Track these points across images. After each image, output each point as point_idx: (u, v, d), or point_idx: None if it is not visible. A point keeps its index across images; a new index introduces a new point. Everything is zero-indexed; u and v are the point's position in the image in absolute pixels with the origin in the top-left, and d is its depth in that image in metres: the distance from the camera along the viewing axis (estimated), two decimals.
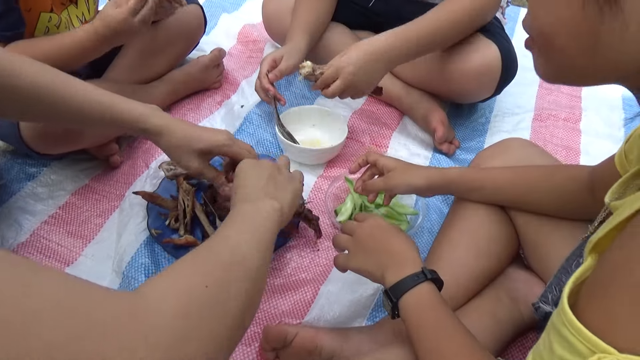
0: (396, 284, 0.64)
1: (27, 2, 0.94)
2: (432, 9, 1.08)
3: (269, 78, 1.11)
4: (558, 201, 0.78)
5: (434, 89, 1.22)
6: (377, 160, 0.91)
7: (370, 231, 0.73)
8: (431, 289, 0.63)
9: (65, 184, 1.05)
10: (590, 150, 1.22)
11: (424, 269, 0.64)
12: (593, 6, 0.42)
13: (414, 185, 0.85)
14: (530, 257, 0.85)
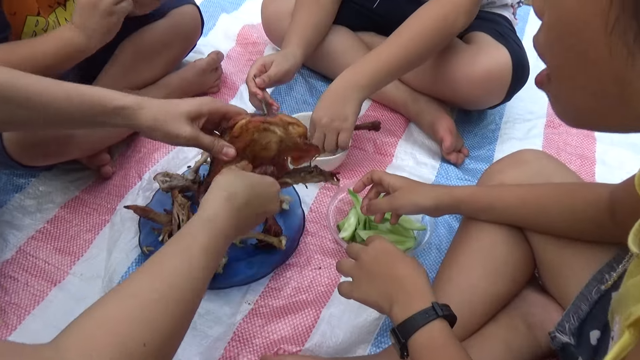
0: (405, 322, 0.58)
1: (11, 6, 0.89)
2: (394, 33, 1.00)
3: (256, 82, 1.06)
4: (574, 224, 0.72)
5: (440, 95, 1.16)
6: (382, 178, 0.86)
7: (375, 256, 0.67)
8: (443, 327, 0.57)
9: (54, 195, 1.00)
10: (606, 160, 1.16)
11: (434, 305, 0.58)
12: (620, 48, 0.36)
13: (421, 206, 0.81)
14: (546, 279, 0.79)
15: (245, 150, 0.76)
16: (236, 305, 0.84)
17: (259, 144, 0.77)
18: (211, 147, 0.73)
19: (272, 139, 0.77)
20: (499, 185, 0.80)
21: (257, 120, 0.75)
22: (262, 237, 0.90)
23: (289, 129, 0.77)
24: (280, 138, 0.77)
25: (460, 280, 0.78)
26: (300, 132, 0.78)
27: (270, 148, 0.78)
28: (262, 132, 0.76)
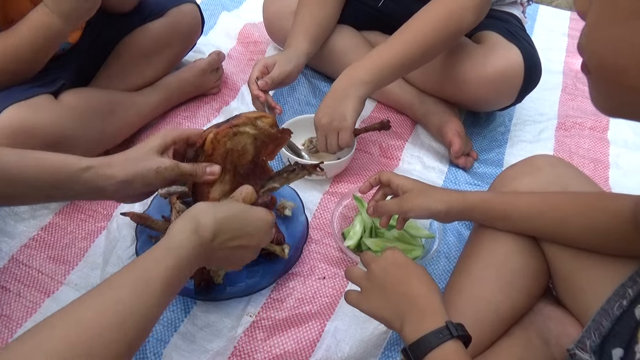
0: (418, 342, 0.55)
1: (7, 14, 0.85)
2: (400, 29, 0.97)
3: (258, 85, 1.02)
4: (595, 237, 0.69)
5: (448, 96, 1.12)
6: (391, 179, 0.82)
7: (386, 268, 0.64)
8: (458, 348, 0.54)
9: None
10: (620, 163, 1.12)
11: (448, 324, 0.55)
12: None
13: (431, 210, 0.77)
14: (562, 292, 0.75)
15: (225, 164, 0.72)
16: (237, 318, 0.80)
17: (235, 151, 0.72)
18: (194, 171, 0.68)
19: (247, 141, 0.73)
20: (515, 193, 0.76)
21: (224, 127, 0.70)
22: (264, 246, 0.86)
23: (257, 123, 0.72)
24: (253, 136, 0.73)
25: (472, 293, 0.74)
26: (269, 122, 0.73)
27: (247, 151, 0.74)
28: (233, 138, 0.71)
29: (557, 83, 1.33)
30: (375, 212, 0.82)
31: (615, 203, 0.68)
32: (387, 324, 0.62)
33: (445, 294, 0.79)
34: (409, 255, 0.88)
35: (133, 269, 0.51)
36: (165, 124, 1.14)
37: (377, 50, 0.97)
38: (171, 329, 0.79)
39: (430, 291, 0.60)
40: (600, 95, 0.42)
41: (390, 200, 0.81)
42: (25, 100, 0.82)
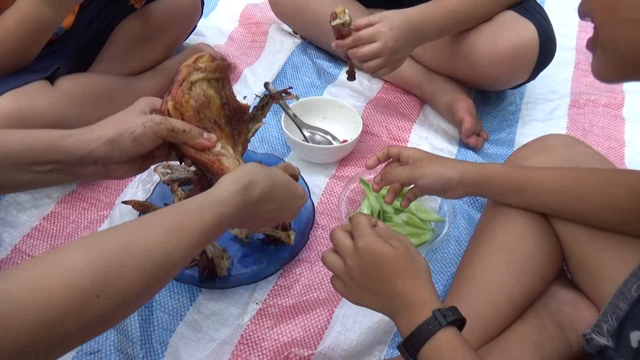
0: (410, 337, 0.53)
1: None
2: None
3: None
4: (614, 214, 0.66)
5: (458, 75, 1.08)
6: (400, 151, 0.79)
7: (363, 266, 0.57)
8: (450, 335, 0.52)
9: (50, 190, 0.95)
10: (635, 141, 1.08)
11: (435, 313, 0.52)
12: None
13: (445, 176, 0.73)
14: (577, 275, 0.73)
15: (204, 125, 0.66)
16: (243, 306, 0.79)
17: (203, 105, 0.66)
18: (185, 127, 0.62)
19: (204, 88, 0.66)
20: (533, 167, 0.73)
21: (176, 88, 0.65)
22: (270, 232, 0.84)
23: (199, 65, 0.65)
24: (206, 79, 0.66)
25: (484, 278, 0.72)
26: (207, 57, 0.67)
27: (212, 97, 0.66)
28: (191, 92, 0.65)
29: (570, 59, 1.28)
30: (383, 179, 0.78)
31: (634, 179, 0.65)
32: (381, 313, 0.60)
33: (456, 279, 0.77)
34: (418, 239, 0.86)
35: (171, 212, 0.52)
36: None
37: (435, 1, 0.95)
38: (177, 318, 0.78)
39: (415, 280, 0.56)
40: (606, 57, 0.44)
41: (399, 168, 0.77)
42: (21, 87, 0.80)
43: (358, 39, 0.89)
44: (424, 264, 0.57)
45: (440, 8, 0.94)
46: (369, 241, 0.57)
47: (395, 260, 0.56)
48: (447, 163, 0.76)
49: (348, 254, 0.58)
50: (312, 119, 1.07)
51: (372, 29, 0.89)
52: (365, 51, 0.89)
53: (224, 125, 0.67)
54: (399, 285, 0.56)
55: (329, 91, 1.18)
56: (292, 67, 1.23)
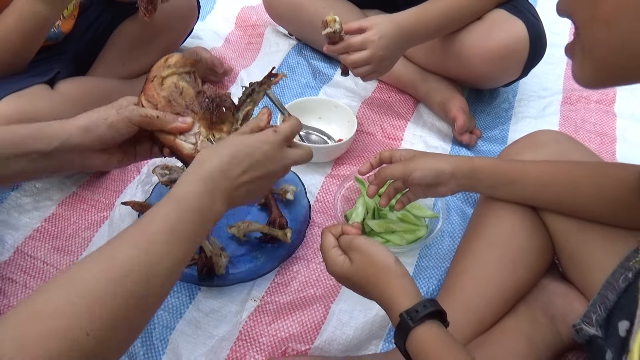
0: (395, 335, 0.55)
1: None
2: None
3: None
4: (604, 206, 0.68)
5: (451, 74, 1.10)
6: (392, 154, 0.80)
7: (340, 282, 0.64)
8: (421, 335, 0.53)
9: (51, 192, 0.96)
10: (627, 137, 1.10)
11: (402, 316, 0.54)
12: None
13: (437, 168, 0.74)
14: (567, 267, 0.75)
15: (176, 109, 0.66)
16: (241, 303, 0.80)
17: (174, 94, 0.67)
18: (160, 115, 0.63)
19: (175, 81, 0.68)
20: (523, 161, 0.75)
21: (147, 85, 0.67)
22: (267, 230, 0.86)
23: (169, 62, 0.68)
24: (175, 74, 0.68)
25: (476, 272, 0.74)
26: (177, 56, 0.69)
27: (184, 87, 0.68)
28: (162, 86, 0.67)
29: (562, 56, 1.25)
30: (378, 177, 0.79)
31: (622, 171, 0.67)
32: None
33: (450, 273, 0.78)
34: (412, 235, 0.88)
35: (134, 224, 0.50)
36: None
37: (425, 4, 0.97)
38: (177, 316, 0.79)
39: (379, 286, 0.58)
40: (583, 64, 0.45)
41: (393, 164, 0.79)
42: (22, 91, 0.82)
43: (348, 45, 0.92)
44: (387, 263, 0.58)
45: (429, 11, 0.96)
46: (329, 265, 0.62)
47: (356, 272, 0.60)
48: (439, 157, 0.78)
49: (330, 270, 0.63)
50: (307, 118, 1.08)
51: (362, 37, 0.91)
52: (354, 58, 0.92)
53: (199, 110, 0.67)
54: (370, 293, 0.59)
55: (324, 91, 1.20)
56: (288, 68, 1.25)
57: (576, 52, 0.47)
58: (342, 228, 0.64)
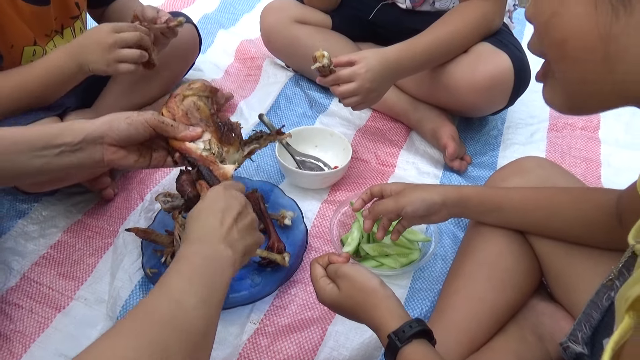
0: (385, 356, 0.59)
1: (7, 39, 0.90)
2: (437, 22, 1.04)
3: None
4: (584, 229, 0.72)
5: (441, 103, 1.15)
6: (383, 188, 0.84)
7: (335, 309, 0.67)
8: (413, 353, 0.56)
9: (57, 220, 1.00)
10: (611, 162, 1.14)
11: (390, 337, 0.57)
12: (606, 6, 0.39)
13: (428, 200, 0.78)
14: (554, 288, 0.78)
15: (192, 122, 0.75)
16: (241, 325, 0.83)
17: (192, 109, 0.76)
18: (174, 123, 0.71)
19: (195, 100, 0.77)
20: (508, 187, 0.79)
21: (171, 99, 0.77)
22: (266, 255, 0.89)
23: (192, 87, 0.78)
24: (196, 96, 0.77)
25: (466, 292, 0.77)
26: (199, 83, 0.79)
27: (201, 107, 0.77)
28: (183, 102, 0.76)
29: None
30: (372, 213, 0.83)
31: (602, 196, 0.71)
32: None
33: (442, 294, 0.81)
34: (406, 259, 0.91)
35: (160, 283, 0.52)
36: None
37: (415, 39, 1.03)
38: None
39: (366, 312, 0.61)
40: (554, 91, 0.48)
41: (385, 200, 0.83)
42: (35, 123, 0.87)
43: (337, 78, 0.98)
44: (372, 285, 0.61)
45: (415, 46, 1.01)
46: (319, 294, 0.66)
47: (344, 299, 0.63)
48: (429, 188, 0.81)
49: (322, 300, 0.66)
50: (304, 147, 1.13)
51: (350, 71, 0.97)
52: (342, 90, 0.98)
53: (211, 125, 0.76)
54: (359, 317, 0.63)
55: (321, 120, 1.24)
56: (285, 98, 1.30)
57: (547, 78, 0.50)
58: (329, 258, 0.68)
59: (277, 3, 1.31)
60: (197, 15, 1.61)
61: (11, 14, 0.88)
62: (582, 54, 0.43)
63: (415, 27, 1.08)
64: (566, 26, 0.42)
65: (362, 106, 1.02)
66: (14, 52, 0.91)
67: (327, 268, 0.66)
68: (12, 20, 0.89)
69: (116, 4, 1.13)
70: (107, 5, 1.13)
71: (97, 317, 0.84)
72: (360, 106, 1.02)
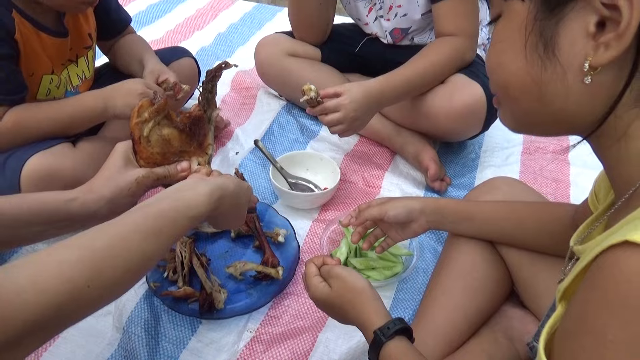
0: (369, 356, 0.65)
1: (29, 67, 0.99)
2: (415, 56, 1.14)
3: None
4: (545, 239, 0.80)
5: (422, 129, 1.25)
6: (369, 203, 0.92)
7: (322, 309, 0.75)
8: (393, 347, 0.63)
9: (65, 236, 1.06)
10: (579, 182, 1.24)
11: (376, 333, 0.64)
12: (534, 56, 0.46)
13: (408, 206, 0.87)
14: (523, 294, 0.86)
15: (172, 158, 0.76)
16: (238, 334, 0.90)
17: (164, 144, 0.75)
18: (167, 173, 0.75)
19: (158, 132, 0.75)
20: (481, 201, 0.88)
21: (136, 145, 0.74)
22: (261, 269, 0.96)
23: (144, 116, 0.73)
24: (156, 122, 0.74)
25: (444, 300, 0.84)
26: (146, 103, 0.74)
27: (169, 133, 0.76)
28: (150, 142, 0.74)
29: None
30: (358, 219, 0.91)
31: (561, 210, 0.79)
32: None
33: (422, 302, 0.89)
34: (390, 271, 0.99)
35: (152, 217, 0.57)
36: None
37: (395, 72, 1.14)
38: (180, 347, 0.88)
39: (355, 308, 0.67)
40: (505, 116, 0.55)
41: (371, 207, 0.90)
42: (50, 149, 0.95)
43: (324, 108, 1.08)
44: (361, 286, 0.69)
45: (395, 79, 1.12)
46: (311, 291, 0.73)
47: (335, 298, 0.70)
48: (410, 198, 0.91)
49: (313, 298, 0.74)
50: (296, 170, 1.21)
51: (336, 102, 1.07)
52: (329, 119, 1.09)
53: (189, 147, 0.78)
54: (347, 314, 0.69)
55: (311, 145, 1.34)
56: (279, 125, 1.39)
57: (500, 105, 0.57)
58: (323, 259, 0.75)
59: (271, 38, 1.42)
60: (195, 48, 1.71)
61: (36, 46, 0.98)
62: (521, 95, 0.50)
63: (397, 59, 1.19)
64: (507, 74, 0.49)
65: (347, 133, 1.12)
66: (33, 80, 1.01)
67: (321, 268, 0.74)
68: (36, 52, 0.99)
69: (124, 42, 1.23)
70: (114, 38, 1.23)
71: (105, 328, 0.91)
72: (346, 133, 1.12)
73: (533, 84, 0.47)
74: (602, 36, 0.42)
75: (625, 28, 0.40)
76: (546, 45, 0.45)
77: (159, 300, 0.93)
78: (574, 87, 0.45)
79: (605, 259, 0.39)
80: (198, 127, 0.79)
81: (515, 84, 0.49)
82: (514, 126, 0.57)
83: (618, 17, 0.41)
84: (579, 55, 0.44)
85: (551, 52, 0.45)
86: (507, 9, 0.48)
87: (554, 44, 0.45)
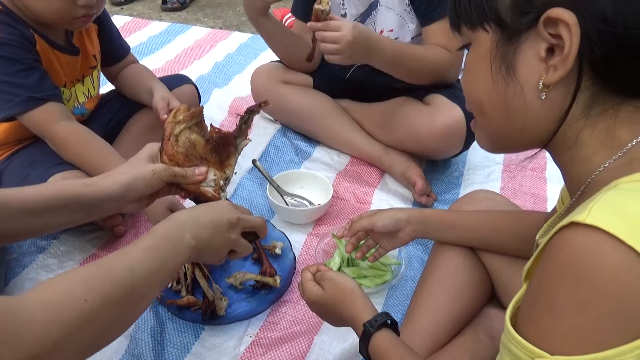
0: (359, 346, 0.72)
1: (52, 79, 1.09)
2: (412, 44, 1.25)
3: None
4: (521, 244, 0.87)
5: (408, 148, 1.34)
6: (361, 215, 1.00)
7: (316, 312, 0.81)
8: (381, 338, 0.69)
9: (74, 254, 1.13)
10: (555, 197, 1.29)
11: (365, 325, 0.70)
12: (499, 78, 0.54)
13: (395, 217, 0.94)
14: (503, 296, 0.93)
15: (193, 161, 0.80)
16: (239, 338, 0.96)
17: (190, 148, 0.79)
18: (184, 173, 0.77)
19: (188, 135, 0.79)
20: (463, 210, 0.96)
21: (165, 144, 0.79)
22: (259, 278, 1.03)
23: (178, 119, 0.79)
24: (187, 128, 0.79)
25: (429, 303, 0.91)
26: (183, 109, 0.80)
27: (195, 139, 0.80)
28: (178, 143, 0.78)
29: None
30: (350, 230, 0.98)
31: (534, 217, 0.87)
32: None
33: (410, 306, 0.95)
34: (380, 280, 1.06)
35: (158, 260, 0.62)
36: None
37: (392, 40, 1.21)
38: (184, 351, 0.94)
39: (347, 307, 0.74)
40: (482, 136, 0.63)
41: (361, 218, 0.98)
42: (62, 172, 1.04)
43: (327, 25, 1.11)
44: (351, 287, 0.76)
45: (393, 44, 1.19)
46: (306, 293, 0.79)
47: (328, 298, 0.77)
48: (397, 209, 0.99)
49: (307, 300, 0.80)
50: (291, 187, 1.29)
51: (340, 22, 1.11)
52: (327, 35, 1.11)
53: (210, 157, 0.82)
54: (339, 312, 0.76)
55: (305, 165, 1.42)
56: (275, 147, 1.48)
57: (476, 127, 0.65)
58: (317, 267, 0.83)
59: (265, 67, 1.52)
60: (194, 76, 1.81)
61: (53, 59, 1.09)
62: (492, 112, 0.57)
63: (386, 84, 1.29)
64: (479, 93, 0.57)
65: (336, 57, 1.12)
66: None
67: (315, 275, 0.81)
68: (53, 65, 1.09)
69: (130, 70, 1.32)
70: (116, 65, 1.31)
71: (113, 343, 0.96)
72: (334, 57, 1.12)
73: (500, 101, 0.55)
74: (551, 60, 0.51)
75: (567, 53, 0.49)
76: (507, 68, 0.53)
77: (164, 308, 0.99)
78: (532, 104, 0.53)
79: (557, 239, 0.46)
80: (223, 146, 0.84)
81: (487, 102, 0.57)
82: (490, 147, 0.64)
83: (562, 44, 0.50)
84: (534, 75, 0.52)
85: (512, 73, 0.53)
86: (475, 39, 0.57)
87: (514, 66, 0.53)
